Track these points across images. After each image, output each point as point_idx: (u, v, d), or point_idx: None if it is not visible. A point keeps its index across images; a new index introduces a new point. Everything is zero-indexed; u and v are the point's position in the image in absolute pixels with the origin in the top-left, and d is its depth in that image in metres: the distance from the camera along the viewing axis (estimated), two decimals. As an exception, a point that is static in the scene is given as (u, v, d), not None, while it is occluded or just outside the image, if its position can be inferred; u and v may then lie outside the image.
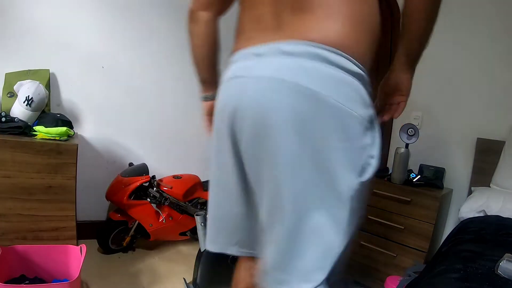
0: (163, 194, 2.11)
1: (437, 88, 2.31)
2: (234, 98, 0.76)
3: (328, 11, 0.71)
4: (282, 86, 0.68)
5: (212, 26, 1.01)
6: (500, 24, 2.09)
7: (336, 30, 0.70)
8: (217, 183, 0.91)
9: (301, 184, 0.69)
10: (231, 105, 0.76)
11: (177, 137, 2.64)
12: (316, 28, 0.70)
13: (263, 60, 0.73)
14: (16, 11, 1.92)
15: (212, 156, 0.90)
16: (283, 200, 0.70)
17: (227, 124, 0.78)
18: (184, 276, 1.86)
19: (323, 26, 0.70)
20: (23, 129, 1.61)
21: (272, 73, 0.70)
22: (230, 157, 0.80)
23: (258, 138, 0.71)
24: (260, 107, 0.70)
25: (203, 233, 1.69)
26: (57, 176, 1.52)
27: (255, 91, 0.72)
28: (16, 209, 1.48)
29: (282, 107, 0.68)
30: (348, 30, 0.70)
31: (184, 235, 2.30)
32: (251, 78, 0.73)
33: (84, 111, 2.21)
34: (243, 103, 0.73)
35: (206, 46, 1.03)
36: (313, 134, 0.68)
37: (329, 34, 0.70)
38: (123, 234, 2.12)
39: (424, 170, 2.31)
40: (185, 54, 2.72)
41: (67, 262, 1.57)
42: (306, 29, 0.70)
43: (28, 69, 1.94)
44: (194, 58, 1.07)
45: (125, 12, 2.26)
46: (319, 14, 0.71)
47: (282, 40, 0.71)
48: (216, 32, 1.02)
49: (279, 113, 0.68)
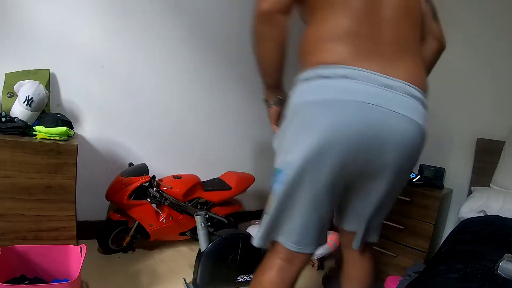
0: (163, 194, 2.11)
1: (437, 88, 2.31)
2: (372, 124, 0.87)
3: (416, 59, 0.97)
4: (413, 125, 0.90)
5: (286, 30, 1.02)
6: (502, 25, 2.10)
7: (423, 77, 0.98)
8: (308, 195, 0.94)
9: (399, 191, 1.07)
10: (367, 129, 0.87)
11: (177, 137, 2.64)
12: (417, 75, 0.95)
13: (397, 98, 0.88)
14: (17, 11, 1.92)
15: (299, 166, 0.91)
16: (390, 202, 1.07)
17: (350, 142, 0.87)
18: (184, 276, 1.86)
19: (419, 74, 0.96)
20: (23, 129, 1.60)
21: (407, 113, 0.89)
22: (332, 170, 0.89)
23: (402, 161, 0.93)
24: (403, 139, 0.90)
25: (203, 233, 1.69)
26: (57, 176, 1.52)
27: (398, 126, 0.88)
28: (16, 209, 1.48)
29: (415, 139, 0.92)
30: (425, 76, 1.02)
31: (184, 235, 2.30)
32: (392, 112, 0.87)
33: (84, 111, 2.21)
34: (385, 132, 0.88)
35: (280, 50, 1.06)
36: (418, 156, 0.99)
37: (422, 81, 0.96)
38: (123, 234, 2.12)
39: (424, 170, 2.31)
40: (185, 54, 2.74)
41: (67, 262, 1.57)
42: (412, 75, 0.92)
43: (28, 69, 1.94)
44: (263, 63, 1.09)
45: (125, 12, 2.26)
46: (414, 60, 0.96)
47: (402, 79, 0.89)
48: (287, 36, 1.04)
49: (415, 144, 0.93)
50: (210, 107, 2.80)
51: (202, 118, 2.77)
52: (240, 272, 1.75)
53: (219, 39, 2.75)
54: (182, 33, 2.54)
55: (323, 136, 0.87)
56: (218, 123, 2.88)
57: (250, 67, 2.98)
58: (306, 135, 0.89)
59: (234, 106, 2.96)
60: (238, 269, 1.74)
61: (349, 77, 0.86)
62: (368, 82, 0.86)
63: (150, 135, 2.50)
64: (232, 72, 2.88)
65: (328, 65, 0.89)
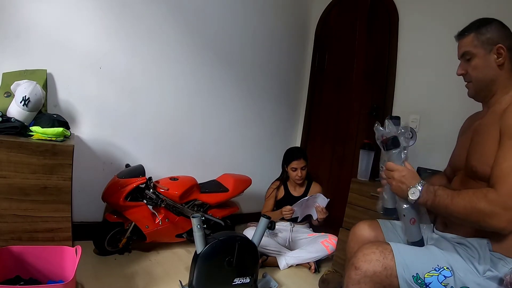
0: (159, 195, 2.10)
1: (434, 90, 2.32)
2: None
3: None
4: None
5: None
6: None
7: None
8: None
9: None
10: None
11: (174, 138, 2.64)
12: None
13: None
14: (14, 10, 1.92)
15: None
16: None
17: None
18: (180, 279, 1.85)
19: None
20: (19, 129, 1.60)
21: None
22: None
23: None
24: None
25: (199, 235, 1.68)
26: (53, 177, 1.51)
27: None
28: (12, 210, 1.47)
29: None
30: None
31: (181, 237, 2.29)
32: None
33: (81, 112, 2.20)
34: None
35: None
36: None
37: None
38: (119, 236, 2.11)
39: (422, 173, 2.31)
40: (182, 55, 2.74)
41: (62, 263, 1.56)
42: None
43: (25, 69, 1.94)
44: (450, 215, 1.07)
45: (123, 13, 2.26)
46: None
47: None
48: None
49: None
50: (207, 109, 2.81)
51: (199, 119, 2.77)
52: (236, 275, 1.74)
53: (216, 40, 2.76)
54: (179, 34, 2.55)
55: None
56: (215, 124, 2.89)
57: (247, 69, 3.02)
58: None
59: (232, 107, 2.96)
60: (234, 271, 1.74)
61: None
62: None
63: (147, 137, 2.50)
64: (229, 73, 2.89)
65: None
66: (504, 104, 1.12)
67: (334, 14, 3.24)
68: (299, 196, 2.60)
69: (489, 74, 1.16)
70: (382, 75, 2.68)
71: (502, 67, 1.15)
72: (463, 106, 2.31)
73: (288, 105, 3.41)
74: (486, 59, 1.16)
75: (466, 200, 1.00)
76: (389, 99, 2.60)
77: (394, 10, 2.61)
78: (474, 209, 0.97)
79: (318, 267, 2.32)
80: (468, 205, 0.99)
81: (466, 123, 1.41)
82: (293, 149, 2.74)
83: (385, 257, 1.05)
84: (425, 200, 1.09)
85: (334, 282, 1.99)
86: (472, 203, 0.98)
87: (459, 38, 1.23)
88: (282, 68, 3.29)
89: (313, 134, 3.36)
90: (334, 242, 2.30)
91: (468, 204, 0.99)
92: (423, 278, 1.02)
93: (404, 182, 1.13)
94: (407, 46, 2.53)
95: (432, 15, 2.37)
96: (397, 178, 1.15)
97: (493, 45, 1.14)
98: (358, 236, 1.40)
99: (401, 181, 1.14)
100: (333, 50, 3.22)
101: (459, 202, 1.01)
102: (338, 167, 3.03)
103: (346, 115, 2.99)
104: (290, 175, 2.61)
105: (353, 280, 1.06)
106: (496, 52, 1.14)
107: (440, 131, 2.25)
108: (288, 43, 3.31)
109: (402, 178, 1.14)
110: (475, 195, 0.99)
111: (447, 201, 1.03)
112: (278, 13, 3.17)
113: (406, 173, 1.14)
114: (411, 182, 1.12)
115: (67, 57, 2.11)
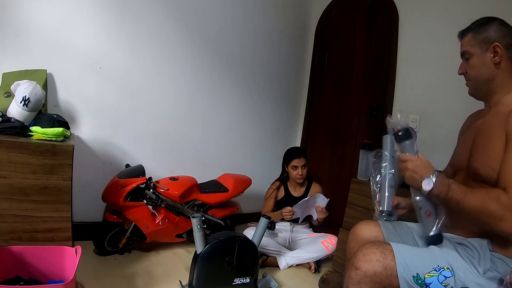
0: (159, 195, 2.10)
1: (434, 90, 2.32)
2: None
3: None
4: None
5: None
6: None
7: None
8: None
9: None
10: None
11: (174, 138, 2.64)
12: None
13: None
14: (14, 10, 1.92)
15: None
16: None
17: None
18: (180, 279, 1.85)
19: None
20: (19, 130, 1.60)
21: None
22: None
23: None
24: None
25: (199, 235, 1.68)
26: (53, 177, 1.51)
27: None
28: (12, 210, 1.47)
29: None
30: None
31: (181, 237, 2.29)
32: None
33: (81, 112, 2.20)
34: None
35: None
36: None
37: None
38: (119, 236, 2.11)
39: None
40: (182, 55, 2.74)
41: (62, 264, 1.56)
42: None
43: (26, 69, 1.94)
44: (462, 210, 1.05)
45: (123, 13, 2.26)
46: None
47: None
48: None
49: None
50: (207, 109, 2.81)
51: (199, 119, 2.77)
52: (236, 275, 1.74)
53: (216, 40, 2.76)
54: (179, 34, 2.55)
55: None
56: (215, 124, 2.89)
57: (247, 69, 3.02)
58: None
59: (231, 107, 2.96)
60: (234, 271, 1.73)
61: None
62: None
63: (147, 137, 2.50)
64: (229, 73, 2.89)
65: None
66: (508, 105, 1.11)
67: (334, 14, 3.24)
68: (299, 196, 2.60)
69: (486, 72, 1.17)
70: (382, 75, 2.68)
71: (499, 65, 1.15)
72: (463, 106, 2.31)
73: (288, 105, 3.41)
74: (482, 58, 1.16)
75: (478, 199, 0.99)
76: (389, 99, 2.60)
77: (394, 10, 2.61)
78: (486, 210, 0.97)
79: (318, 267, 2.32)
80: (479, 205, 0.98)
81: (467, 121, 1.41)
82: (293, 148, 2.74)
83: (385, 257, 1.05)
84: (439, 191, 1.06)
85: (334, 282, 1.99)
86: (484, 203, 0.97)
87: (460, 38, 1.24)
88: (282, 68, 3.29)
89: (313, 134, 3.36)
90: (334, 242, 2.30)
91: (480, 204, 0.98)
92: (423, 278, 1.02)
93: (418, 172, 1.10)
94: (407, 46, 2.53)
95: (432, 15, 2.37)
96: (410, 168, 1.11)
97: (489, 43, 1.15)
98: (358, 236, 1.39)
99: (415, 170, 1.10)
100: (333, 50, 3.22)
101: (472, 200, 1.00)
102: (338, 167, 3.03)
103: (346, 115, 2.99)
104: (290, 174, 2.61)
105: (353, 280, 1.06)
106: (492, 51, 1.14)
107: (440, 131, 2.24)
108: (288, 43, 3.31)
109: (415, 168, 1.10)
110: (488, 196, 0.98)
111: (460, 196, 1.02)
112: (278, 13, 3.17)
113: (420, 163, 1.11)
114: (424, 172, 1.09)
115: (67, 57, 2.11)
